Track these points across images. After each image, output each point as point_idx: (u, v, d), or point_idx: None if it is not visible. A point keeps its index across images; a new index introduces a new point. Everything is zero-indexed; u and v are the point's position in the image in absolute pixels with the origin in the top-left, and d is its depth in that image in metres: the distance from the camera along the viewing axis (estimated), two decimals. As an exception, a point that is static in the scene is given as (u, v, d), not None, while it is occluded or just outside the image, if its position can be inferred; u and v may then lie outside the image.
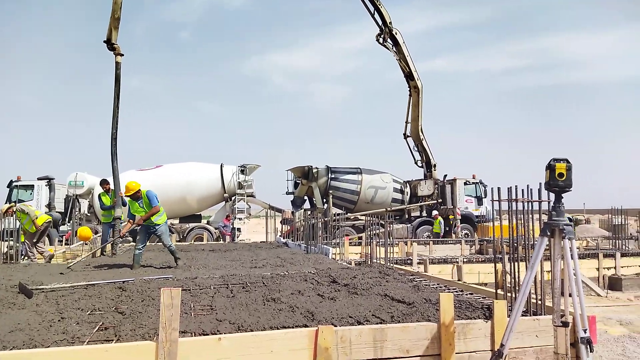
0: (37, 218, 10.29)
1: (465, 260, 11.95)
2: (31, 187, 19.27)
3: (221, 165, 20.70)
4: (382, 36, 19.64)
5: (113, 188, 11.19)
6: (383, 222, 8.30)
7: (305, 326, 3.82)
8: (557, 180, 3.26)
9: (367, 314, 4.28)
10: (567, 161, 3.25)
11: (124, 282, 5.99)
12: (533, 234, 4.41)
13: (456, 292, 5.70)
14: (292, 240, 14.60)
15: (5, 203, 14.66)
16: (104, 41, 10.57)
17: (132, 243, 15.22)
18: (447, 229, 21.36)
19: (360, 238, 20.56)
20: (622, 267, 12.97)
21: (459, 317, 4.16)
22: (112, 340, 3.52)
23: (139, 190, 8.19)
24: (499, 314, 3.87)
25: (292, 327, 3.80)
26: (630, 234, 19.19)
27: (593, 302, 11.09)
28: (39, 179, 19.39)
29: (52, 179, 19.49)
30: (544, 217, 3.65)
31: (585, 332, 3.12)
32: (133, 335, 3.57)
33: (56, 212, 18.82)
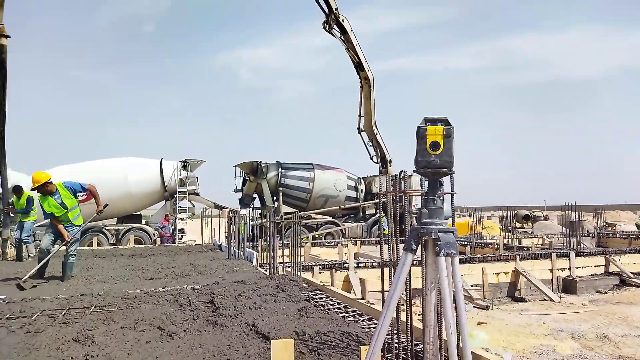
0: None
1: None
2: None
3: (161, 161, 19.14)
4: (328, 23, 18.38)
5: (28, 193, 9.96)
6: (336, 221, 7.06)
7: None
8: (430, 154, 1.97)
9: (198, 361, 3.02)
10: (447, 122, 1.98)
11: None
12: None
13: (354, 315, 4.50)
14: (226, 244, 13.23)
15: None
16: None
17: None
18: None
19: (314, 237, 19.38)
20: (577, 267, 12.06)
21: (324, 364, 2.94)
22: None
23: (49, 182, 6.66)
24: (368, 364, 2.65)
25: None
26: (588, 231, 18.57)
27: (545, 309, 10.12)
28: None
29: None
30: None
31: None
32: None
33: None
